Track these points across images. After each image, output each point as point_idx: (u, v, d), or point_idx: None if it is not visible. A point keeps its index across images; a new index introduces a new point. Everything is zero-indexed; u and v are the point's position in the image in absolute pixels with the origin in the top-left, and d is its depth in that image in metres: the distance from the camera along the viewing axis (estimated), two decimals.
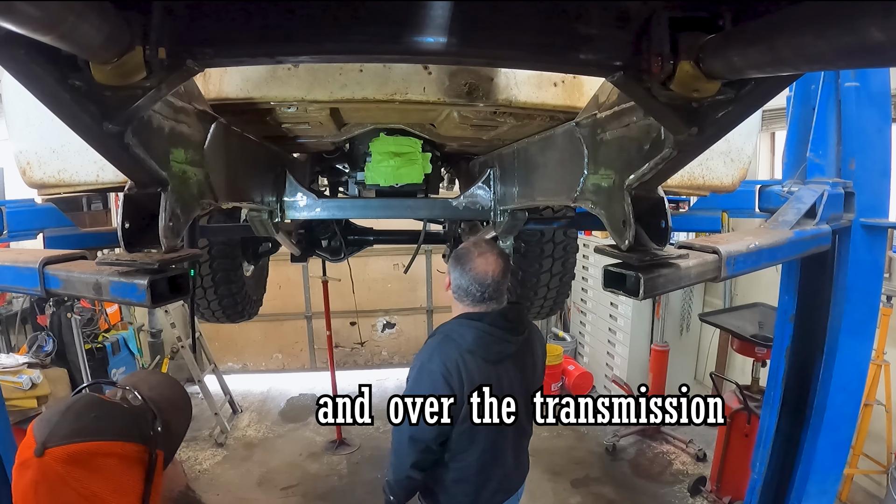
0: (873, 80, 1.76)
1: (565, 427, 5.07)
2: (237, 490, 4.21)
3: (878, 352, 3.45)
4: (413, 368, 1.82)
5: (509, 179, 1.79)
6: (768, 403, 2.07)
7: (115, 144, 0.76)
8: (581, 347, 6.44)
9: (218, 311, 2.98)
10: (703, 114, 0.75)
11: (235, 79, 1.22)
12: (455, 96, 1.26)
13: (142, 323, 5.86)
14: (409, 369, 1.84)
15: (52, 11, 0.49)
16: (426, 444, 1.77)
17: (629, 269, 0.98)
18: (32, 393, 4.26)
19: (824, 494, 1.89)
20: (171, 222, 0.90)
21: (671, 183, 1.33)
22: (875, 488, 3.80)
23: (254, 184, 1.61)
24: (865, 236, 1.74)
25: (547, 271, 2.91)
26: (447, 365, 1.73)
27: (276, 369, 6.72)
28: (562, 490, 4.22)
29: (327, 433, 5.09)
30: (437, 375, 1.73)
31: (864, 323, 1.82)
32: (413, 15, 0.72)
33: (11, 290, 2.33)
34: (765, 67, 0.60)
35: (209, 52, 0.72)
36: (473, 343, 1.75)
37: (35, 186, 1.31)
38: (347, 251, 2.84)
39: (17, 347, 5.10)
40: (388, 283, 6.60)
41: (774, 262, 1.49)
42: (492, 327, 1.77)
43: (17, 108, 1.24)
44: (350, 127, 1.61)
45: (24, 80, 0.64)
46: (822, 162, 1.81)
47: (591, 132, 1.17)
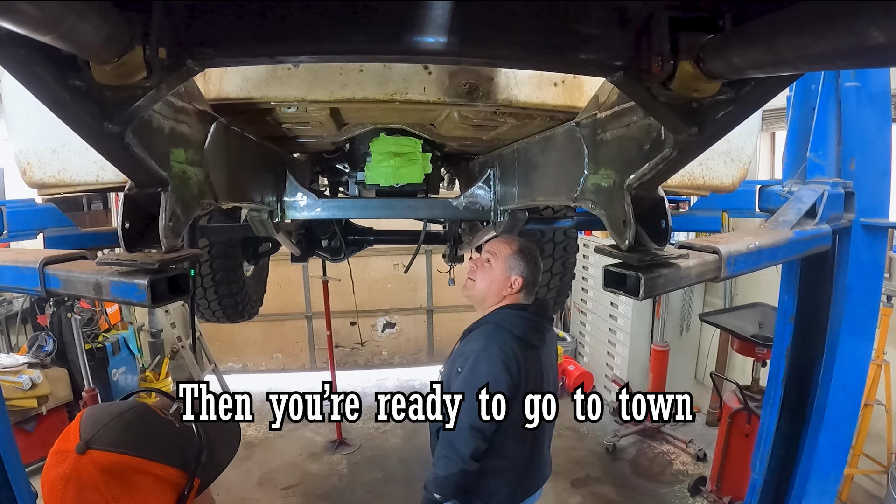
0: (873, 80, 1.76)
1: (566, 427, 5.07)
2: (237, 490, 4.21)
3: (878, 352, 3.45)
4: (463, 358, 1.85)
5: (509, 179, 1.79)
6: (768, 403, 2.07)
7: (115, 144, 0.76)
8: (581, 347, 6.44)
9: (218, 311, 2.98)
10: (704, 114, 0.75)
11: (235, 79, 1.22)
12: (455, 96, 1.25)
13: (142, 323, 5.86)
14: (454, 361, 1.89)
15: (52, 11, 0.49)
16: (485, 433, 1.80)
17: (629, 269, 0.98)
18: (32, 393, 4.27)
19: (824, 494, 1.88)
20: (172, 222, 0.90)
21: (671, 183, 1.33)
22: (875, 488, 3.80)
23: (254, 184, 1.61)
24: (865, 236, 1.74)
25: (547, 271, 2.91)
26: (504, 350, 1.82)
27: (276, 369, 6.73)
28: (562, 490, 4.22)
29: (327, 433, 5.10)
30: (497, 361, 1.80)
31: (864, 323, 1.82)
32: (413, 15, 0.72)
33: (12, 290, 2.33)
34: (765, 67, 0.60)
35: (209, 52, 0.72)
36: (524, 330, 1.88)
37: (35, 186, 1.31)
38: (347, 251, 2.84)
39: (18, 347, 5.11)
40: (388, 283, 6.61)
41: (774, 262, 1.49)
42: (536, 315, 1.94)
43: (17, 108, 1.24)
44: (350, 127, 1.61)
45: (24, 80, 0.64)
46: (822, 162, 1.81)
47: (592, 132, 1.17)
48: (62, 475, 0.89)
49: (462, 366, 1.84)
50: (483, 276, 1.94)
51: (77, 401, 4.57)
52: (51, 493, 0.90)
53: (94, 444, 0.90)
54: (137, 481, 0.92)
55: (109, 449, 0.91)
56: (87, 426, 0.94)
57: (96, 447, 0.90)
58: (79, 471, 0.89)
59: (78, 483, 0.89)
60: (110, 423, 0.95)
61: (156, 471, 0.93)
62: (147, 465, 0.93)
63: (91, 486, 0.89)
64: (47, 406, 4.39)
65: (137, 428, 0.96)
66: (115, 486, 0.89)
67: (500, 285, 1.93)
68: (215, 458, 1.06)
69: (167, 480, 0.95)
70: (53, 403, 4.47)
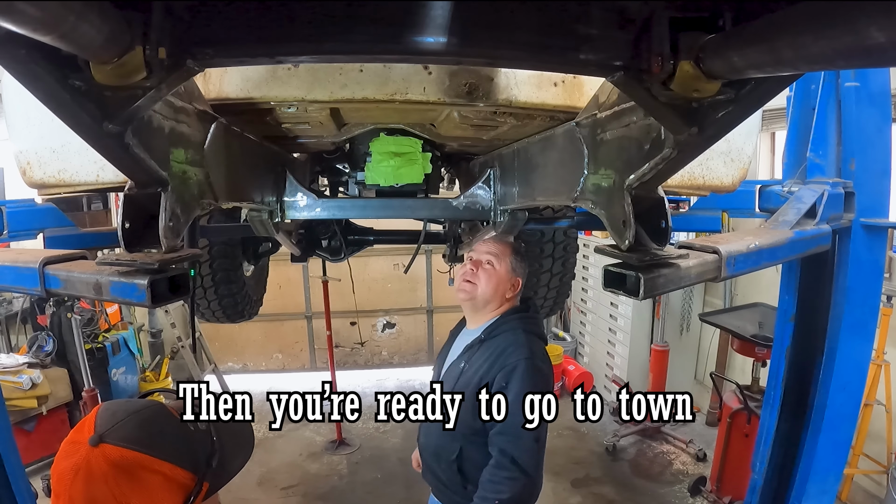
0: (873, 80, 1.76)
1: (566, 427, 5.07)
2: (237, 490, 4.21)
3: (878, 352, 3.45)
4: (507, 371, 1.75)
5: (509, 179, 1.79)
6: (768, 403, 2.07)
7: (115, 144, 0.76)
8: (581, 347, 6.44)
9: (218, 311, 2.98)
10: (704, 114, 0.75)
11: (235, 79, 1.22)
12: (455, 96, 1.25)
13: (142, 323, 5.86)
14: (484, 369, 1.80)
15: (52, 11, 0.49)
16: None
17: (629, 269, 0.98)
18: (32, 393, 4.27)
19: (824, 494, 1.88)
20: (172, 222, 0.90)
21: (671, 183, 1.33)
22: (875, 488, 3.80)
23: (254, 184, 1.61)
24: (865, 236, 1.74)
25: (547, 271, 2.91)
26: (546, 357, 1.85)
27: (276, 369, 6.73)
28: (562, 490, 4.21)
29: (327, 433, 5.10)
30: (548, 369, 1.83)
31: (864, 323, 1.82)
32: (413, 15, 0.72)
33: (12, 290, 2.33)
34: (765, 67, 0.60)
35: (209, 52, 0.72)
36: (541, 331, 1.95)
37: (35, 186, 1.31)
38: (347, 251, 2.84)
39: (18, 347, 5.11)
40: (388, 283, 6.61)
41: (774, 262, 1.49)
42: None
43: (17, 108, 1.24)
44: (350, 127, 1.61)
45: (24, 80, 0.64)
46: (822, 162, 1.81)
47: (592, 132, 1.17)
48: (72, 465, 0.90)
49: (509, 378, 1.74)
50: (487, 279, 1.88)
51: (77, 401, 4.57)
52: (60, 482, 0.91)
53: (107, 438, 0.91)
54: (146, 479, 0.92)
55: (122, 444, 0.91)
56: (102, 420, 0.95)
57: (109, 441, 0.91)
58: (89, 463, 0.90)
59: (87, 475, 0.89)
60: (126, 419, 0.95)
61: (165, 470, 0.94)
62: (157, 464, 0.93)
63: (100, 479, 0.89)
64: (47, 406, 4.40)
65: (152, 427, 0.96)
66: (123, 481, 0.90)
67: (504, 287, 1.90)
68: (226, 464, 1.06)
69: (176, 481, 0.95)
70: (53, 403, 4.47)
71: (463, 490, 1.87)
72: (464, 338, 2.00)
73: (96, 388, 4.43)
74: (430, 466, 2.00)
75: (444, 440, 1.91)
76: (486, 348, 1.86)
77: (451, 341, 2.08)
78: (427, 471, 2.05)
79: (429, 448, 1.99)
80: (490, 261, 1.90)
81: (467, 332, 2.00)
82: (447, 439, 1.90)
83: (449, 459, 1.88)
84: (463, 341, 1.98)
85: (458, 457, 1.86)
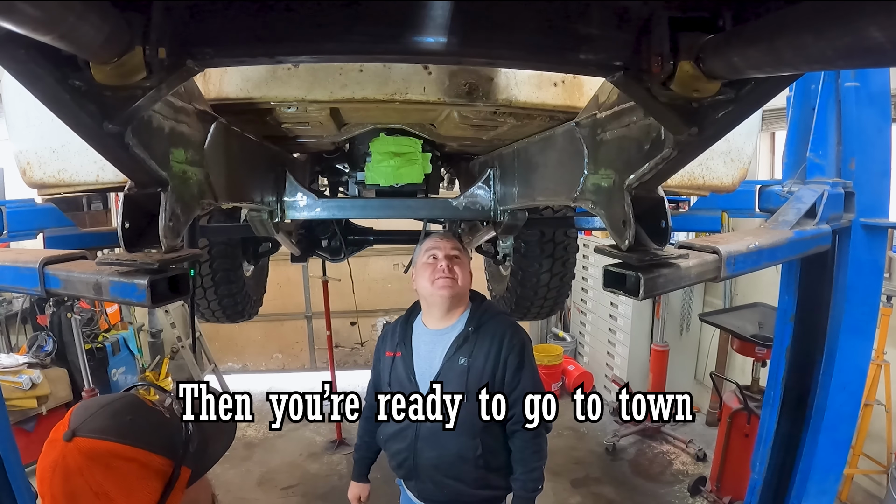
0: (873, 80, 1.76)
1: (566, 427, 5.07)
2: (237, 490, 4.21)
3: (878, 352, 3.45)
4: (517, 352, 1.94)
5: (509, 179, 1.79)
6: (768, 403, 2.06)
7: (115, 144, 0.76)
8: (581, 347, 6.44)
9: (218, 311, 2.98)
10: (703, 114, 0.75)
11: (235, 79, 1.22)
12: (455, 96, 1.25)
13: (142, 323, 5.86)
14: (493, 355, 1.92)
15: (52, 11, 0.49)
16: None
17: (629, 269, 0.97)
18: (32, 393, 4.27)
19: (824, 494, 1.88)
20: (172, 222, 0.90)
21: (671, 183, 1.33)
22: (875, 488, 3.80)
23: (254, 184, 1.61)
24: (865, 236, 1.74)
25: (547, 271, 2.90)
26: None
27: (276, 369, 6.73)
28: (562, 490, 4.22)
29: (327, 433, 5.10)
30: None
31: (864, 323, 1.82)
32: (413, 15, 0.72)
33: (11, 290, 2.33)
34: (765, 67, 0.60)
35: (209, 52, 0.72)
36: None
37: (35, 186, 1.31)
38: (347, 251, 2.84)
39: (17, 347, 5.11)
40: (388, 283, 6.61)
41: (774, 262, 1.49)
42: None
43: (17, 108, 1.24)
44: (350, 127, 1.61)
45: (24, 80, 0.64)
46: (822, 162, 1.81)
47: (591, 132, 1.17)
48: (50, 463, 0.91)
49: (521, 357, 1.93)
50: (463, 272, 1.99)
51: (77, 401, 4.56)
52: (42, 481, 0.92)
53: (79, 432, 0.91)
54: (121, 467, 0.92)
55: (94, 436, 0.92)
56: (76, 415, 0.95)
57: (81, 434, 0.91)
58: (65, 458, 0.90)
59: (64, 470, 0.90)
60: (98, 411, 0.96)
61: (140, 458, 0.94)
62: (131, 452, 0.93)
63: (76, 473, 0.90)
64: (47, 406, 4.39)
65: (124, 416, 0.96)
66: (98, 472, 0.90)
67: (470, 278, 2.05)
68: (207, 448, 1.06)
69: (152, 468, 0.95)
70: (53, 403, 4.47)
71: (486, 483, 1.95)
72: (434, 337, 2.01)
73: (96, 388, 4.43)
74: (445, 476, 1.94)
75: (463, 440, 1.90)
76: (482, 339, 1.92)
77: (408, 345, 2.05)
78: (437, 486, 1.98)
79: (446, 458, 1.93)
80: (458, 255, 1.99)
81: (438, 332, 2.01)
82: (466, 438, 1.90)
83: (474, 457, 1.89)
84: (439, 340, 1.99)
85: (482, 452, 1.89)
